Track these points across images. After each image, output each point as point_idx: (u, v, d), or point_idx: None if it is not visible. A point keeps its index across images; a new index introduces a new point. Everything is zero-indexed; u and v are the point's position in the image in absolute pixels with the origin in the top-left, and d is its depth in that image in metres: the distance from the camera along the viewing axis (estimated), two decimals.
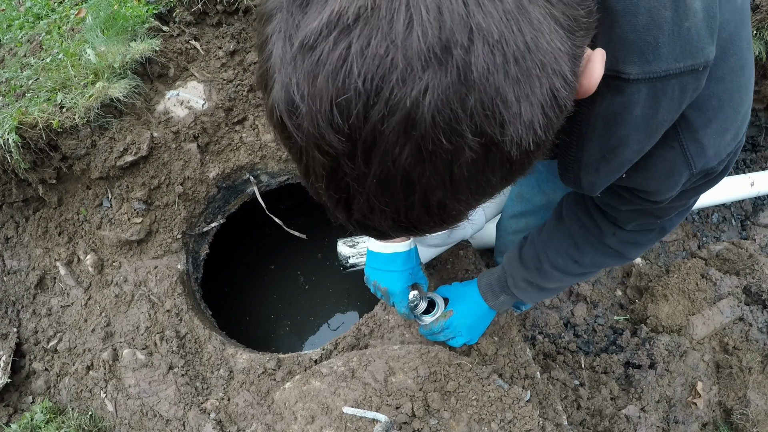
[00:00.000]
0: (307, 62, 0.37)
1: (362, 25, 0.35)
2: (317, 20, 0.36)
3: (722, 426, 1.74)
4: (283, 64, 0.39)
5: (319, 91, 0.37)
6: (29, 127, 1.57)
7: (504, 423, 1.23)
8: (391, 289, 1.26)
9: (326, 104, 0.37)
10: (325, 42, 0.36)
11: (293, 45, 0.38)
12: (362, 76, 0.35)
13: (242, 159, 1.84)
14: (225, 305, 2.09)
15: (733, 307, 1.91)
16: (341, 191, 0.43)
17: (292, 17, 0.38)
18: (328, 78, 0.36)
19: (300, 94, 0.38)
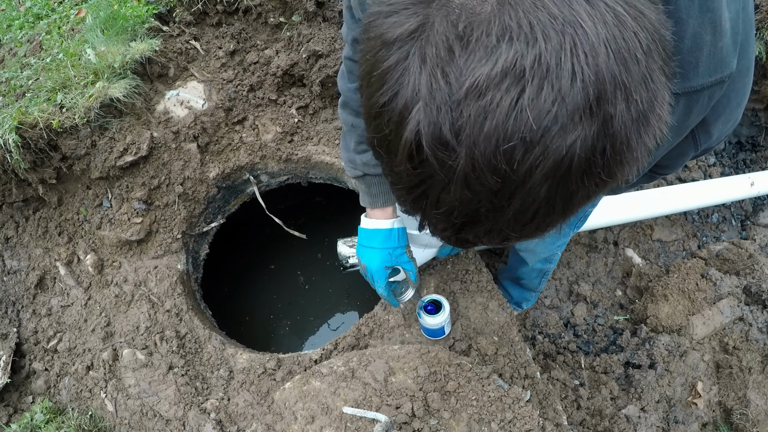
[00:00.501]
0: (475, 106, 0.38)
1: (534, 77, 0.37)
2: (489, 66, 0.37)
3: (722, 426, 1.74)
4: (433, 100, 0.39)
5: (487, 135, 0.38)
6: (29, 127, 1.57)
7: (504, 423, 1.23)
8: (369, 266, 1.24)
9: (491, 148, 0.39)
10: (497, 90, 0.37)
11: (452, 85, 0.38)
12: (530, 126, 0.37)
13: (242, 159, 1.84)
14: (225, 305, 2.08)
15: (733, 307, 1.91)
16: (467, 218, 0.46)
17: (449, 55, 0.38)
18: (498, 125, 0.38)
19: (459, 136, 0.39)
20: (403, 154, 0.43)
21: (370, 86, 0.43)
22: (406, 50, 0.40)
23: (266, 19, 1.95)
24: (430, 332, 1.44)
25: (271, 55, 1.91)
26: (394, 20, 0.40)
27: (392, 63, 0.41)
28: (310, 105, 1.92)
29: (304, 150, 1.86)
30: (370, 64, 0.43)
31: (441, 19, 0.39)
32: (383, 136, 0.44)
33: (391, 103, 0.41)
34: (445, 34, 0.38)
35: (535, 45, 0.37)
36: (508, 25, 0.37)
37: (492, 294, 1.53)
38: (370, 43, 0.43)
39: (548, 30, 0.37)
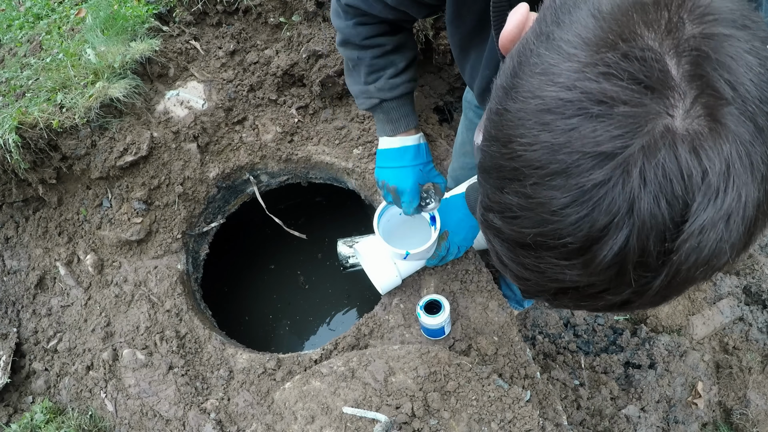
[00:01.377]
0: (691, 244, 0.39)
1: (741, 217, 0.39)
2: (715, 209, 0.38)
3: (722, 426, 1.74)
4: (652, 227, 0.39)
5: (689, 266, 0.40)
6: (29, 127, 1.57)
7: (504, 423, 1.23)
8: (401, 186, 1.21)
9: (689, 275, 0.41)
10: (713, 230, 0.39)
11: (675, 221, 0.39)
12: (725, 257, 0.40)
13: (242, 159, 1.84)
14: (225, 305, 2.09)
15: (733, 307, 1.91)
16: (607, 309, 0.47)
17: (678, 191, 0.38)
18: (703, 259, 0.40)
19: (664, 264, 0.40)
20: (584, 262, 0.41)
21: (553, 188, 0.40)
22: (621, 169, 0.38)
23: (266, 19, 1.95)
24: (430, 332, 1.44)
25: (271, 55, 1.91)
26: (613, 131, 0.37)
27: (602, 179, 0.38)
28: (310, 105, 1.92)
29: (304, 150, 1.86)
30: (558, 165, 0.39)
31: (681, 146, 0.37)
32: (557, 241, 0.42)
33: (588, 216, 0.39)
34: (684, 168, 0.37)
35: (747, 185, 0.38)
36: (735, 167, 0.38)
37: (492, 294, 1.53)
38: (561, 139, 0.39)
39: (756, 169, 0.38)
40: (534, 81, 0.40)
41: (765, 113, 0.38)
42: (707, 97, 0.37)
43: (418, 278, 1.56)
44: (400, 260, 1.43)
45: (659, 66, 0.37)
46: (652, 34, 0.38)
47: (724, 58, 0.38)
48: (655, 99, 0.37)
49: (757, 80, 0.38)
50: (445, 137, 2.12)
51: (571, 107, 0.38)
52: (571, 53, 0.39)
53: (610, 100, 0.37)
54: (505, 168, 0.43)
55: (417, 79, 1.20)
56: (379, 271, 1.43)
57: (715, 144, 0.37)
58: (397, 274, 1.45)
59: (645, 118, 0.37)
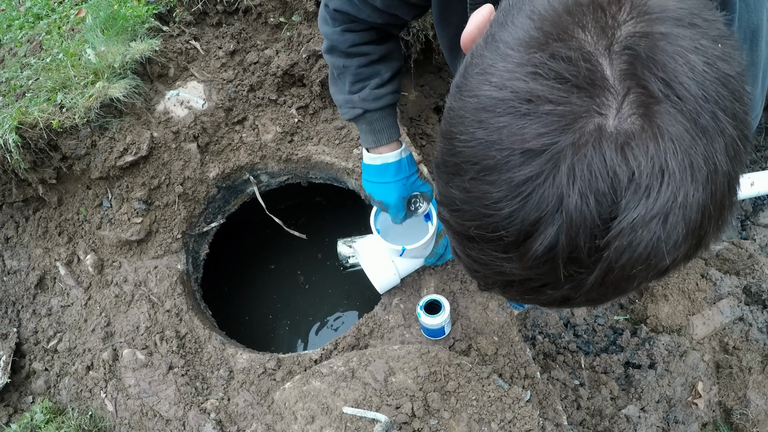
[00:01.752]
0: (622, 242, 0.40)
1: (678, 216, 0.39)
2: (646, 208, 0.38)
3: (722, 426, 1.74)
4: (580, 224, 0.40)
5: (623, 265, 0.40)
6: (29, 127, 1.57)
7: (504, 423, 1.23)
8: (385, 201, 1.24)
9: (623, 273, 0.41)
10: (645, 229, 0.39)
11: (603, 218, 0.39)
12: (660, 256, 0.41)
13: (242, 159, 1.84)
14: (225, 305, 2.08)
15: (733, 307, 1.92)
16: (558, 303, 0.48)
17: (609, 188, 0.38)
18: (636, 257, 0.40)
19: (595, 261, 0.41)
20: (519, 255, 0.42)
21: (488, 183, 0.41)
22: (551, 165, 0.39)
23: (266, 19, 1.95)
24: (430, 332, 1.44)
25: (271, 55, 1.91)
26: (540, 129, 0.38)
27: (531, 174, 0.39)
28: (310, 105, 1.92)
29: (304, 150, 1.86)
30: (491, 160, 0.41)
31: (608, 146, 0.38)
32: (494, 234, 0.43)
33: (519, 211, 0.41)
34: (612, 167, 0.38)
35: (685, 184, 0.38)
36: (670, 166, 0.38)
37: (492, 294, 1.53)
38: (494, 136, 0.40)
39: (695, 172, 0.38)
40: (474, 81, 0.42)
41: (710, 112, 0.38)
42: (639, 96, 0.38)
43: (418, 278, 1.56)
44: (398, 259, 1.43)
45: (587, 65, 0.38)
46: (586, 34, 0.39)
47: (660, 57, 0.38)
48: (583, 98, 0.38)
49: (700, 78, 0.38)
50: None
51: (502, 105, 0.40)
52: (506, 54, 0.41)
53: (537, 98, 0.38)
54: (449, 163, 0.45)
55: (401, 90, 1.20)
56: (377, 269, 1.44)
57: (645, 143, 0.37)
58: (395, 273, 1.45)
59: (573, 117, 0.38)
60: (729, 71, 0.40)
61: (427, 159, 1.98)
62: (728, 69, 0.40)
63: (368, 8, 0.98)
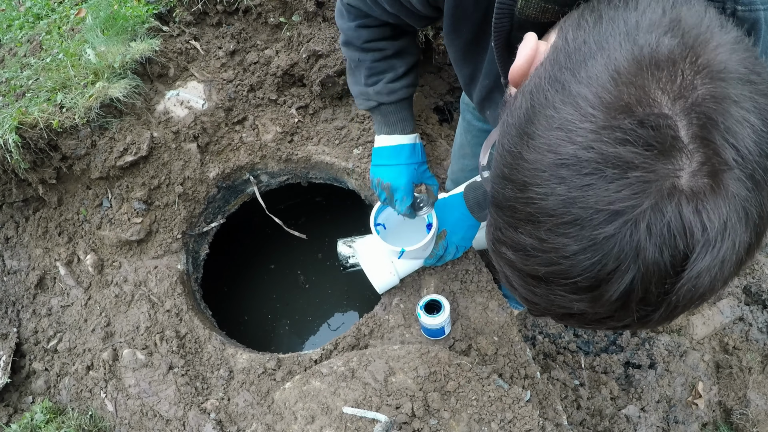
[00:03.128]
0: (690, 287, 0.43)
1: (734, 262, 0.43)
2: (710, 259, 0.42)
3: (722, 426, 1.74)
4: (654, 272, 0.42)
5: (687, 302, 0.44)
6: (29, 127, 1.57)
7: (504, 423, 1.23)
8: (395, 183, 1.23)
9: (684, 308, 0.45)
10: (708, 274, 0.42)
11: (675, 268, 0.42)
12: (716, 291, 0.45)
13: (242, 159, 1.84)
14: (225, 305, 2.08)
15: (733, 307, 1.91)
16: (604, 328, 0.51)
17: (679, 242, 0.41)
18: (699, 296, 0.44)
19: (662, 303, 0.44)
20: (592, 298, 0.45)
21: (566, 236, 0.43)
22: (631, 223, 0.41)
23: (266, 19, 1.95)
24: (430, 332, 1.44)
25: (271, 55, 1.91)
26: (626, 193, 0.40)
27: (612, 233, 0.42)
28: (310, 105, 1.92)
29: (304, 150, 1.86)
30: (572, 216, 0.43)
31: (684, 203, 0.40)
32: (569, 280, 0.45)
33: (598, 263, 0.43)
34: (685, 223, 0.40)
35: (740, 235, 0.42)
36: (731, 221, 0.41)
37: (492, 294, 1.53)
38: (576, 194, 0.42)
39: (750, 220, 0.42)
40: (552, 135, 0.43)
41: (764, 167, 0.42)
42: (712, 161, 0.40)
43: (418, 278, 1.57)
44: (397, 259, 1.43)
45: (671, 132, 0.40)
46: (666, 97, 0.41)
47: (730, 123, 0.40)
48: (665, 162, 0.40)
49: (757, 138, 0.41)
50: (445, 137, 2.12)
51: (587, 166, 0.41)
52: (589, 113, 0.41)
53: (624, 164, 0.40)
54: (520, 211, 0.46)
55: (417, 83, 1.21)
56: (376, 269, 1.43)
57: (716, 204, 0.40)
58: (395, 273, 1.45)
59: (655, 181, 0.40)
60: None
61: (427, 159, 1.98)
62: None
63: (379, 8, 1.00)
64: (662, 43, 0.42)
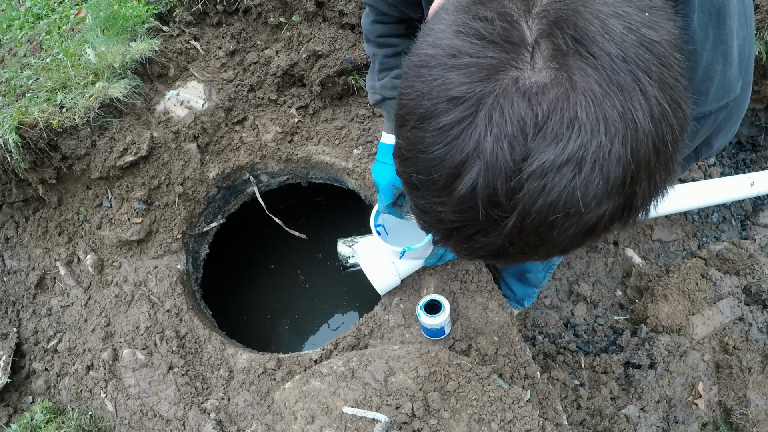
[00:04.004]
0: (534, 184, 0.42)
1: (590, 163, 0.42)
2: (556, 153, 0.41)
3: (722, 426, 1.74)
4: (495, 167, 0.43)
5: (539, 208, 0.43)
6: (29, 127, 1.57)
7: (504, 423, 1.23)
8: (377, 181, 1.26)
9: (540, 218, 0.44)
10: (558, 173, 0.42)
11: (516, 161, 0.42)
12: (576, 203, 0.43)
13: (242, 159, 1.84)
14: (225, 305, 2.08)
15: (733, 307, 1.91)
16: (494, 254, 0.51)
17: (520, 133, 0.42)
18: (551, 201, 0.43)
19: (512, 203, 0.44)
20: (449, 199, 0.46)
21: (421, 129, 0.46)
22: (471, 111, 0.42)
23: (266, 19, 1.95)
24: (430, 332, 1.44)
25: (271, 55, 1.91)
26: (461, 79, 0.43)
27: (455, 119, 0.43)
28: (310, 105, 1.92)
29: (304, 150, 1.86)
30: (424, 109, 0.45)
31: (517, 95, 0.41)
32: (428, 178, 0.47)
33: (446, 153, 0.44)
34: (520, 114, 0.41)
35: (597, 136, 0.41)
36: (579, 116, 0.41)
37: (492, 294, 1.53)
38: (426, 87, 0.45)
39: (609, 123, 0.41)
40: (418, 42, 0.48)
41: (627, 71, 0.41)
42: (551, 51, 0.42)
43: (418, 278, 1.56)
44: (398, 260, 1.43)
45: (504, 24, 0.43)
46: (517, 2, 0.44)
47: (574, 18, 0.42)
48: (498, 52, 0.42)
49: (618, 40, 0.42)
50: None
51: (433, 60, 0.45)
52: (443, 17, 0.46)
53: (458, 53, 0.43)
54: (398, 116, 0.50)
55: None
56: (378, 270, 1.43)
57: (551, 92, 0.41)
58: (396, 274, 1.45)
59: (491, 69, 0.42)
60: (654, 37, 0.43)
61: None
62: (653, 35, 0.43)
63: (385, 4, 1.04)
64: None
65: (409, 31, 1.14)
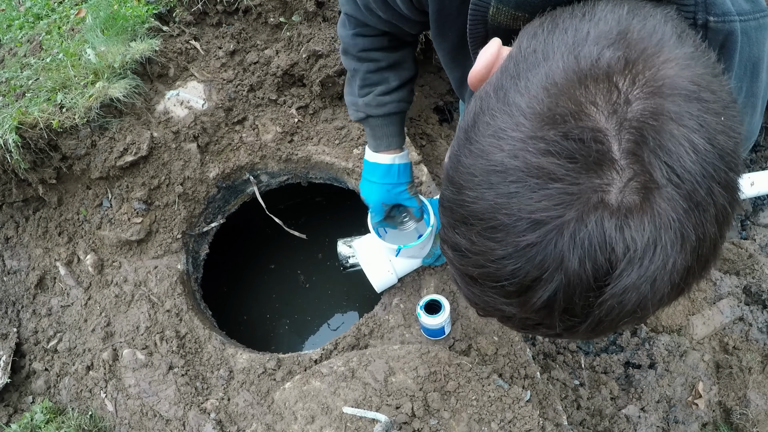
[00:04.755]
0: (611, 302, 0.42)
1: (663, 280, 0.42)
2: (636, 275, 0.41)
3: (722, 426, 1.74)
4: (576, 285, 0.42)
5: (613, 318, 0.43)
6: (29, 127, 1.57)
7: (504, 423, 1.23)
8: (366, 200, 1.25)
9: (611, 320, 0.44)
10: (636, 293, 0.41)
11: (598, 281, 0.41)
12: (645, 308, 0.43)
13: (242, 159, 1.84)
14: (225, 305, 2.08)
15: (733, 307, 1.91)
16: (542, 334, 0.51)
17: (603, 257, 0.41)
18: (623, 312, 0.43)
19: (587, 316, 0.44)
20: (520, 303, 0.45)
21: (493, 240, 0.44)
22: (554, 232, 0.41)
23: (266, 19, 1.95)
24: (430, 332, 1.44)
25: (271, 55, 1.91)
26: (547, 204, 0.40)
27: (535, 241, 0.42)
28: (310, 105, 1.92)
29: (304, 150, 1.86)
30: (498, 222, 0.43)
31: (608, 219, 0.40)
32: (497, 284, 0.45)
33: (521, 269, 0.43)
34: (607, 239, 0.40)
35: (676, 255, 0.41)
36: (662, 239, 0.40)
37: None
38: (502, 200, 0.43)
39: (686, 241, 0.41)
40: (485, 141, 0.44)
41: (705, 188, 0.40)
42: (642, 178, 0.40)
43: (418, 278, 1.57)
44: (395, 258, 1.43)
45: (598, 146, 0.39)
46: (598, 112, 0.40)
47: (666, 140, 0.40)
48: (592, 179, 0.40)
49: (699, 158, 0.40)
50: (445, 137, 2.12)
51: (513, 174, 0.41)
52: (520, 123, 0.42)
53: (546, 175, 0.40)
54: (456, 212, 0.47)
55: (410, 100, 1.19)
56: (375, 267, 1.44)
57: (641, 222, 0.40)
58: (392, 272, 1.45)
59: (579, 194, 0.40)
60: (728, 145, 0.42)
61: (427, 159, 1.98)
62: (727, 143, 0.42)
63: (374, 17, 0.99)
64: (603, 56, 0.41)
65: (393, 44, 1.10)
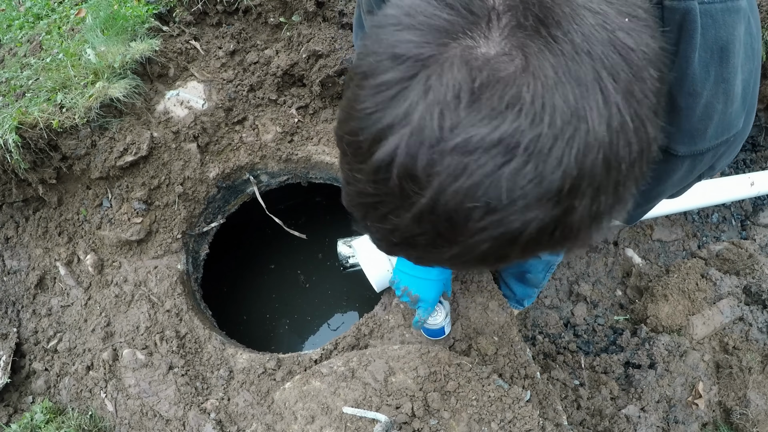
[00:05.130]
0: (457, 160, 0.38)
1: (524, 153, 0.37)
2: (487, 130, 0.37)
3: (722, 426, 1.74)
4: (420, 135, 0.39)
5: (456, 189, 0.39)
6: (29, 127, 1.57)
7: (504, 423, 1.23)
8: (424, 296, 1.25)
9: (455, 202, 0.40)
10: (485, 154, 0.37)
11: (443, 130, 0.38)
12: (499, 195, 0.38)
13: (242, 159, 1.84)
14: (225, 305, 2.08)
15: (733, 307, 1.92)
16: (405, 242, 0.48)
17: (454, 102, 0.38)
18: (471, 185, 0.38)
19: (430, 177, 0.39)
20: (368, 165, 0.43)
21: (360, 87, 0.43)
22: (411, 73, 0.39)
23: (266, 19, 1.95)
24: (430, 332, 1.44)
25: (271, 55, 1.91)
26: (410, 37, 0.40)
27: (392, 79, 0.40)
28: (310, 105, 1.92)
29: (304, 150, 1.86)
30: (367, 66, 0.42)
31: (461, 62, 0.38)
32: (355, 139, 0.44)
33: (375, 114, 0.41)
34: (459, 80, 0.38)
35: (539, 125, 0.37)
36: (522, 97, 0.37)
37: (492, 294, 1.53)
38: (376, 46, 0.42)
39: (556, 115, 0.37)
40: (387, 10, 0.45)
41: (590, 68, 0.38)
42: (512, 29, 0.38)
43: None
44: (394, 257, 1.43)
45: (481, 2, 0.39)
46: None
47: (548, 2, 0.39)
48: (455, 17, 0.39)
49: (588, 32, 0.38)
50: None
51: (390, 19, 0.42)
52: None
53: (415, 12, 0.41)
54: (346, 78, 0.48)
55: None
56: (374, 267, 1.44)
57: (499, 68, 0.37)
58: (391, 271, 1.45)
59: (442, 33, 0.39)
60: (629, 43, 0.40)
61: None
62: (629, 41, 0.40)
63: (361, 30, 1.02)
64: None
65: None
